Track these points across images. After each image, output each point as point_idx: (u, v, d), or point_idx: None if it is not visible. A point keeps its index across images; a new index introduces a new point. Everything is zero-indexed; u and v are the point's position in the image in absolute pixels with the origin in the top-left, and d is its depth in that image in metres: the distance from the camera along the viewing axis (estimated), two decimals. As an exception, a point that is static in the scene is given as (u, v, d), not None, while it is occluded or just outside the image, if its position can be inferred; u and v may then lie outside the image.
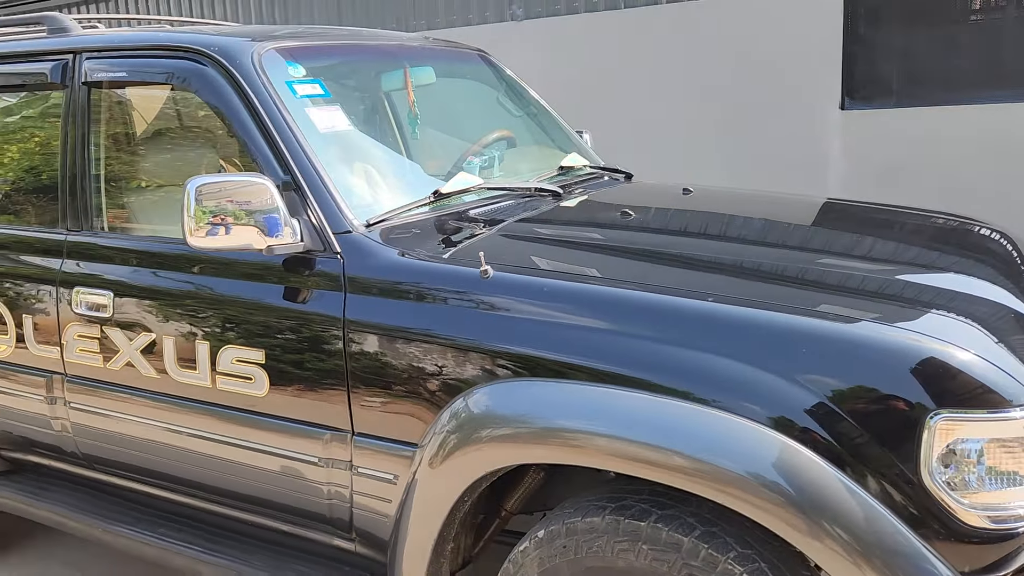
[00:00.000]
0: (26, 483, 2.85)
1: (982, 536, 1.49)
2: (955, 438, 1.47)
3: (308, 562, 2.24)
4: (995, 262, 2.17)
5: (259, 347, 2.11)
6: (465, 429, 1.82)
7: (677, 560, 1.64)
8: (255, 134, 2.17)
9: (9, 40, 2.85)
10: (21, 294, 2.60)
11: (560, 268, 1.97)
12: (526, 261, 2.00)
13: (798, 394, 1.55)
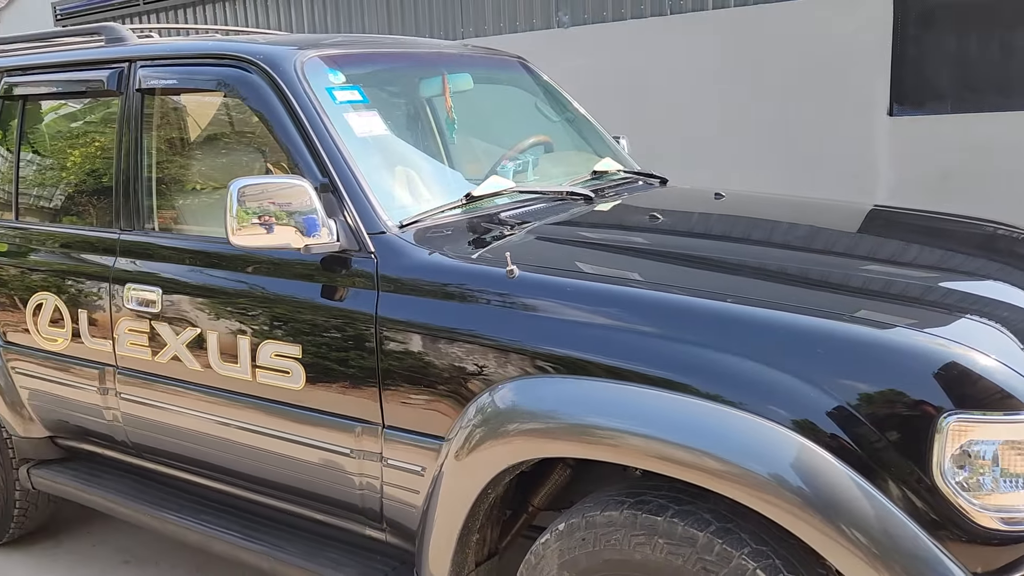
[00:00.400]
0: (80, 470, 3.00)
1: (995, 538, 1.49)
2: (968, 439, 1.48)
3: (340, 551, 2.32)
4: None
5: (296, 342, 2.20)
6: (491, 423, 1.88)
7: (692, 554, 1.67)
8: (296, 138, 2.27)
9: (71, 50, 3.01)
10: (78, 290, 2.74)
11: (585, 269, 2.02)
12: (552, 262, 2.05)
13: (815, 395, 1.57)
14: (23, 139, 3.01)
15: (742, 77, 6.74)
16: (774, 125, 6.69)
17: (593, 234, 2.35)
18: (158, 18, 10.50)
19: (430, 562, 2.05)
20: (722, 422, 1.63)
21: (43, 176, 3.00)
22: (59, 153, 2.97)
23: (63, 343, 2.79)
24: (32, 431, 3.03)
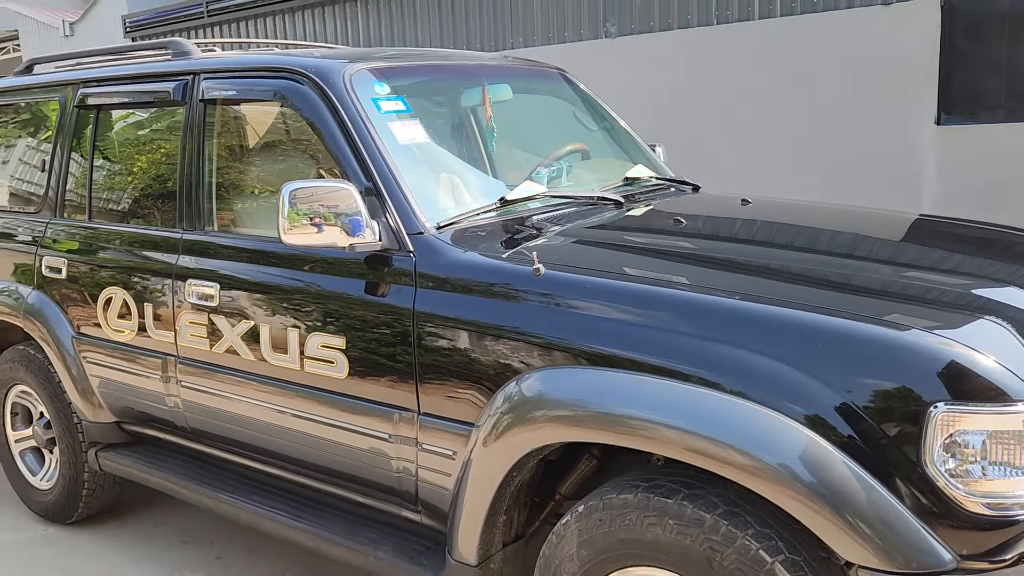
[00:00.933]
0: (143, 454, 3.22)
1: (981, 523, 1.58)
2: (957, 429, 1.57)
3: (379, 531, 2.48)
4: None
5: (340, 334, 2.38)
6: (518, 411, 2.02)
7: (699, 535, 1.79)
8: (343, 145, 2.44)
9: (141, 63, 3.25)
10: (144, 285, 2.96)
11: (607, 268, 2.14)
12: (576, 261, 2.19)
13: (819, 389, 1.67)
14: (96, 146, 3.26)
15: (789, 87, 6.79)
16: (821, 134, 6.71)
17: (618, 236, 2.48)
18: (220, 30, 10.90)
19: (460, 541, 2.20)
20: (738, 414, 1.74)
21: (113, 180, 3.24)
22: (128, 159, 3.21)
23: (130, 334, 3.02)
24: (100, 416, 3.26)
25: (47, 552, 3.40)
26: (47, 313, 3.31)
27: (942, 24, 6.09)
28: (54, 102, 3.46)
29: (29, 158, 3.61)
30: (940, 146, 6.25)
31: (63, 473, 3.47)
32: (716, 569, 1.77)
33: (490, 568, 2.22)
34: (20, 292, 3.44)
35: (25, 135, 3.66)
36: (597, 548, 1.95)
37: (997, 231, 2.67)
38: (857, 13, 6.40)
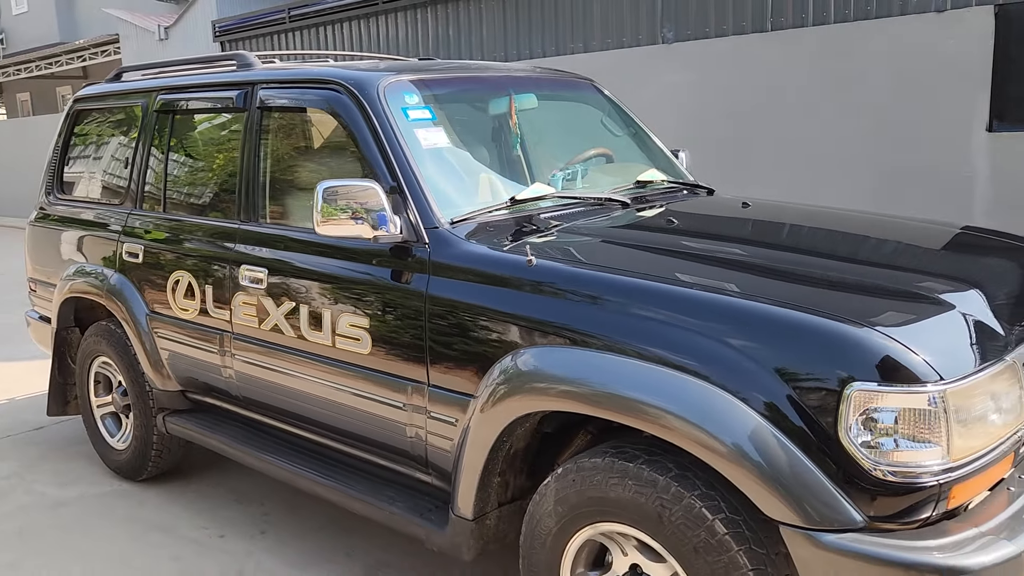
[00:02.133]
0: (204, 419, 3.62)
1: (890, 489, 1.79)
2: (871, 406, 1.79)
3: (396, 490, 2.80)
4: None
5: (365, 314, 2.71)
6: (508, 384, 2.30)
7: (653, 494, 2.04)
8: (373, 148, 2.77)
9: (210, 73, 3.65)
10: (207, 269, 3.35)
11: (593, 260, 2.41)
12: (567, 254, 2.46)
13: (754, 368, 1.91)
14: (170, 145, 3.68)
15: (841, 92, 6.87)
16: (873, 140, 6.78)
17: (614, 234, 2.73)
18: (301, 35, 11.47)
19: (459, 498, 2.50)
20: (685, 389, 1.99)
21: (184, 176, 3.65)
22: (197, 157, 3.61)
23: (193, 312, 3.42)
24: (168, 385, 3.69)
25: (120, 503, 3.84)
26: (126, 293, 3.75)
27: (995, 31, 6.11)
28: (138, 107, 3.90)
29: (117, 155, 4.06)
30: (992, 153, 6.26)
31: (136, 435, 3.91)
32: (666, 524, 2.02)
33: (486, 524, 2.52)
34: (105, 274, 3.89)
35: (114, 135, 4.11)
36: (570, 505, 2.22)
37: (973, 234, 2.82)
38: (910, 20, 6.45)
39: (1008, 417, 1.93)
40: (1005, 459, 1.94)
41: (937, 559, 1.71)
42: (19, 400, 5.46)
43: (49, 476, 4.19)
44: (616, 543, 2.22)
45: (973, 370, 1.84)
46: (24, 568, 3.29)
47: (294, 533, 3.47)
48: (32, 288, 4.60)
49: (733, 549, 1.93)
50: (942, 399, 1.77)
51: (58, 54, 17.72)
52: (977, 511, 1.87)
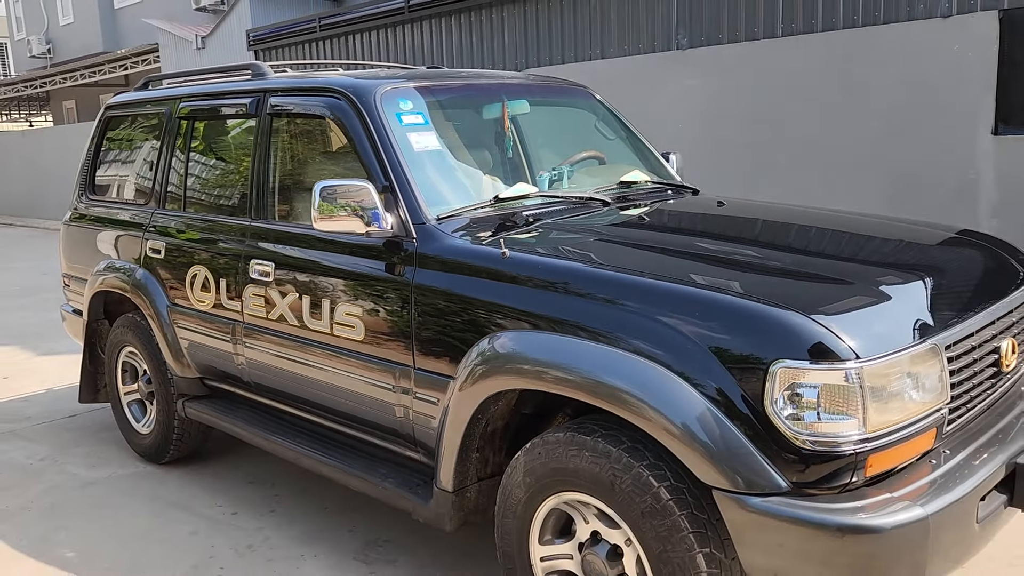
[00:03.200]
0: (219, 404, 3.88)
1: (812, 457, 1.96)
2: (793, 382, 1.97)
3: (389, 467, 3.02)
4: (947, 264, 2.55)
5: (359, 303, 2.94)
6: (484, 365, 2.51)
7: (607, 464, 2.24)
8: (369, 150, 3.00)
9: (227, 81, 3.92)
10: (221, 263, 3.61)
11: (562, 253, 2.61)
12: (539, 247, 2.67)
13: (693, 348, 2.09)
14: (190, 149, 3.95)
15: (850, 96, 6.98)
16: (880, 143, 6.88)
17: (586, 229, 2.92)
18: (331, 43, 11.81)
19: (441, 472, 2.71)
20: (632, 368, 2.17)
21: (202, 177, 3.92)
22: (214, 160, 3.88)
23: (209, 304, 3.68)
24: (187, 373, 3.95)
25: (144, 484, 4.12)
26: (150, 287, 4.03)
27: (1000, 36, 6.19)
28: (162, 113, 4.18)
29: (143, 159, 4.35)
30: (997, 156, 6.33)
31: (159, 420, 4.19)
32: (617, 491, 2.21)
33: (466, 496, 2.73)
34: (131, 269, 4.17)
35: (141, 140, 4.41)
36: (536, 476, 2.43)
37: (932, 231, 2.97)
38: (917, 25, 6.55)
39: (928, 396, 2.09)
40: (927, 433, 2.10)
41: (844, 519, 1.89)
42: (56, 390, 5.80)
43: (80, 459, 4.49)
44: (579, 512, 2.42)
45: (890, 351, 2.01)
46: (54, 540, 3.57)
47: (301, 512, 3.71)
48: (66, 283, 4.92)
49: (676, 513, 2.12)
50: (858, 376, 1.94)
51: (101, 63, 18.35)
52: (897, 479, 2.03)
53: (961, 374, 2.21)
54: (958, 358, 2.20)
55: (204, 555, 3.38)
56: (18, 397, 5.71)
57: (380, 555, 3.30)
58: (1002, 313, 2.41)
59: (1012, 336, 2.44)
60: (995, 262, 2.69)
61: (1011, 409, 2.48)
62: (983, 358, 2.31)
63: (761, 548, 1.99)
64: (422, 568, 3.18)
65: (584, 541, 2.43)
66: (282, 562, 3.29)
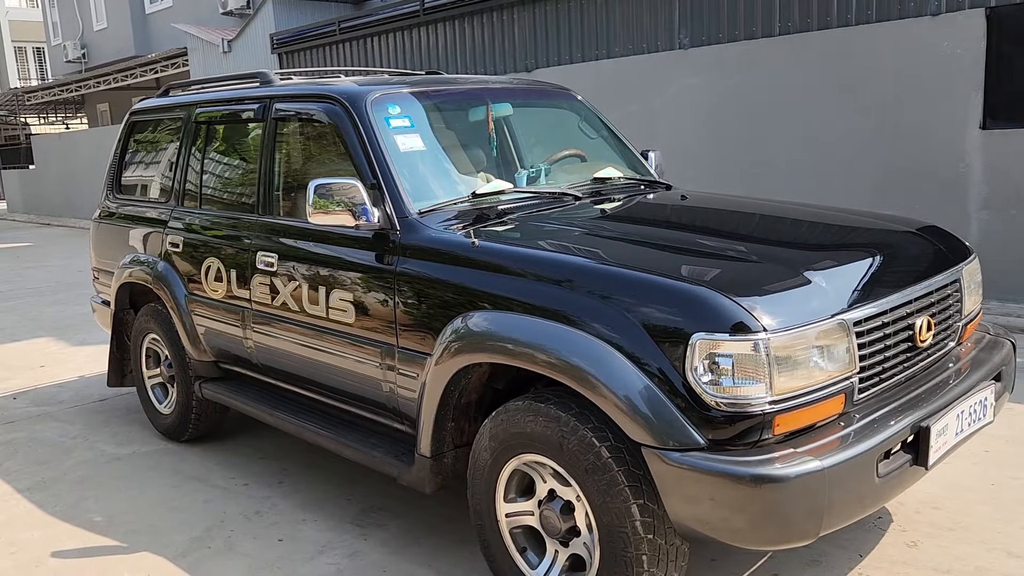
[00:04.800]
0: (232, 385, 4.23)
1: (724, 417, 2.24)
2: (710, 351, 2.25)
3: (379, 438, 3.34)
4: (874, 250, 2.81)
5: (350, 289, 3.26)
6: (455, 342, 2.82)
7: (556, 428, 2.54)
8: (359, 151, 3.32)
9: (238, 89, 4.27)
10: (232, 255, 3.95)
11: (525, 242, 2.91)
12: (507, 237, 2.97)
13: (627, 322, 2.38)
14: (205, 151, 4.31)
15: (843, 93, 7.19)
16: (873, 138, 7.09)
17: (553, 221, 3.20)
18: (350, 45, 12.17)
19: (421, 440, 3.02)
20: (574, 340, 2.47)
21: (216, 176, 4.26)
22: (226, 161, 4.23)
23: (222, 292, 4.03)
24: (203, 357, 4.31)
25: (165, 459, 4.49)
26: (169, 278, 4.39)
27: (988, 33, 6.38)
28: (180, 118, 4.54)
29: (164, 160, 4.71)
30: (985, 150, 6.52)
31: (178, 401, 4.56)
32: (565, 451, 2.51)
33: (444, 462, 3.04)
34: (153, 262, 4.54)
35: (162, 143, 4.77)
36: (499, 440, 2.73)
37: (868, 219, 3.23)
38: (907, 23, 6.75)
39: (836, 366, 2.36)
40: (835, 399, 2.37)
41: (751, 470, 2.17)
42: (88, 377, 6.21)
43: (108, 437, 4.87)
44: (538, 472, 2.72)
45: (797, 325, 2.28)
46: (83, 507, 3.95)
47: (306, 483, 4.05)
48: (96, 276, 5.31)
49: (614, 469, 2.41)
50: (766, 347, 2.22)
51: (132, 67, 18.92)
52: (807, 438, 2.31)
53: (871, 347, 2.48)
54: (868, 333, 2.47)
55: (216, 520, 3.73)
56: (54, 383, 6.14)
57: (373, 520, 3.63)
58: (918, 295, 2.67)
59: (929, 315, 2.70)
60: (921, 249, 2.95)
61: (933, 379, 2.74)
62: (896, 334, 2.57)
63: (682, 497, 2.28)
64: (409, 531, 3.50)
65: (543, 498, 2.73)
66: (285, 526, 3.63)
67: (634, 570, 2.43)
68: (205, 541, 3.53)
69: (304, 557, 3.35)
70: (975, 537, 3.20)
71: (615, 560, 2.46)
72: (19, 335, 7.88)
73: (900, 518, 3.38)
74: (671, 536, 2.44)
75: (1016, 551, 3.08)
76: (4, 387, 6.11)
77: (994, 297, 6.66)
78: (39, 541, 3.61)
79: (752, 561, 3.11)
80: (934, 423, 2.49)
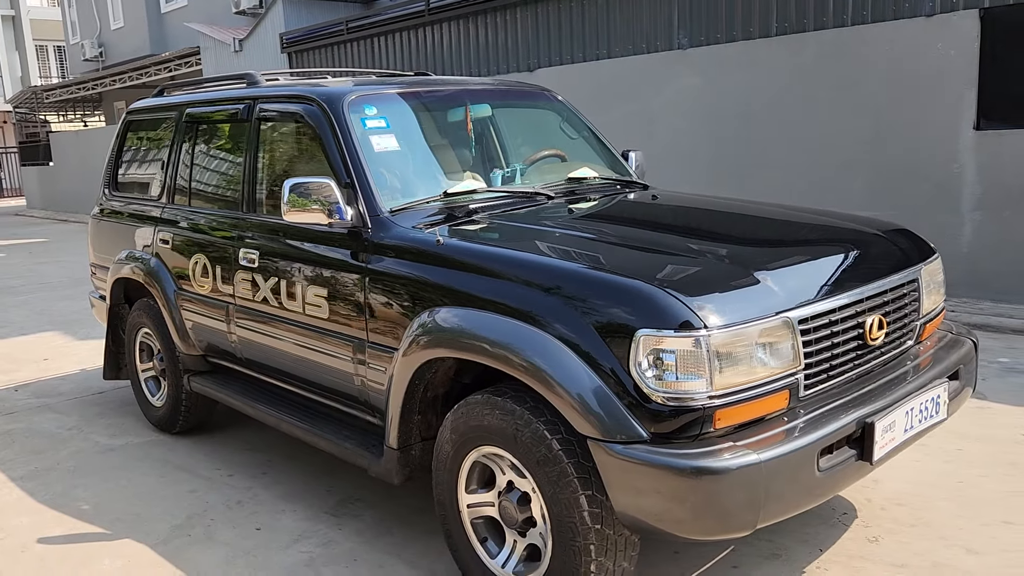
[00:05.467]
0: (218, 378, 4.34)
1: (665, 411, 2.30)
2: (652, 347, 2.31)
3: (352, 430, 3.43)
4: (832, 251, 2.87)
5: (324, 285, 3.35)
6: (419, 337, 2.90)
7: (511, 420, 2.61)
8: (335, 151, 3.40)
9: (226, 89, 4.37)
10: (218, 252, 4.05)
11: (489, 240, 2.99)
12: (470, 235, 3.04)
13: (577, 318, 2.44)
14: (194, 149, 4.41)
15: (839, 92, 7.21)
16: (869, 137, 7.10)
17: (520, 219, 3.27)
18: (358, 45, 12.28)
19: (389, 432, 3.10)
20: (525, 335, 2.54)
21: (203, 175, 4.36)
22: (214, 159, 4.33)
23: (208, 289, 4.13)
24: (192, 351, 4.42)
25: (156, 450, 4.60)
26: (160, 274, 4.50)
27: (981, 34, 6.38)
28: (172, 118, 4.65)
29: (156, 158, 4.82)
30: (979, 150, 6.53)
31: (169, 394, 4.67)
32: (519, 443, 2.59)
33: (411, 454, 3.12)
34: (145, 258, 4.65)
35: (155, 142, 4.88)
36: (460, 432, 2.81)
37: (833, 220, 3.28)
38: (902, 24, 6.77)
39: (780, 362, 2.42)
40: (779, 394, 2.42)
41: (690, 462, 2.23)
42: (89, 370, 6.35)
43: (103, 429, 4.99)
44: (497, 464, 2.80)
45: (738, 323, 2.34)
46: (72, 495, 4.06)
47: (288, 474, 4.15)
48: (93, 272, 5.44)
49: (564, 461, 2.48)
50: (707, 344, 2.28)
51: (147, 65, 19.14)
52: (748, 432, 2.37)
53: (818, 345, 2.53)
54: (814, 331, 2.52)
55: (199, 508, 3.83)
56: (56, 376, 6.28)
57: (349, 511, 3.71)
58: (869, 294, 2.72)
59: (881, 314, 2.75)
60: (878, 249, 2.99)
61: (886, 377, 2.79)
62: (844, 332, 2.62)
63: (625, 488, 2.35)
64: (382, 521, 3.59)
65: (502, 490, 2.81)
66: (264, 515, 3.72)
67: (583, 559, 2.50)
68: (186, 529, 3.64)
69: (279, 546, 3.44)
70: (935, 533, 3.24)
71: (565, 549, 2.53)
72: (27, 329, 8.05)
73: (864, 514, 3.42)
74: (619, 527, 2.50)
75: (975, 547, 3.13)
76: (8, 379, 6.26)
77: (988, 298, 6.67)
78: (27, 527, 3.73)
79: (714, 554, 3.17)
80: (880, 419, 2.54)
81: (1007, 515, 3.36)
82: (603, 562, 2.52)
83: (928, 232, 6.78)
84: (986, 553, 3.08)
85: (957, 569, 2.99)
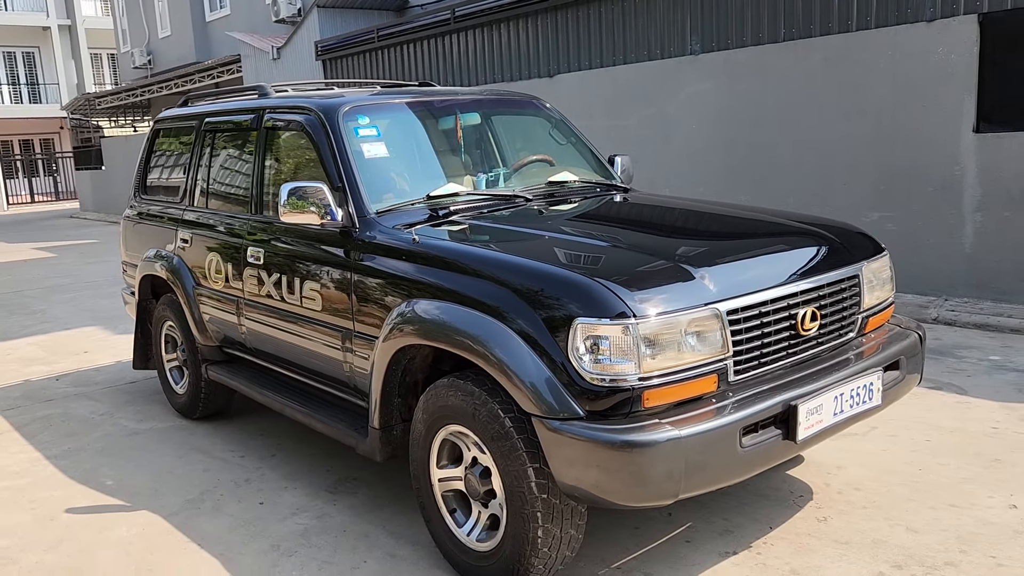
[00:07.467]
0: (231, 367, 4.69)
1: (599, 391, 2.56)
2: (588, 334, 2.58)
3: (345, 413, 3.74)
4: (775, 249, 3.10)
5: (317, 280, 3.67)
6: (400, 325, 3.20)
7: (471, 401, 2.89)
8: (329, 157, 3.73)
9: (238, 100, 4.72)
10: (230, 250, 4.41)
11: (460, 239, 3.27)
12: (445, 235, 3.34)
13: (524, 308, 2.71)
14: (211, 155, 4.78)
15: (844, 96, 7.36)
16: (872, 140, 7.24)
17: (494, 220, 3.55)
18: (388, 52, 12.66)
19: (372, 413, 3.41)
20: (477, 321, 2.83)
21: (219, 179, 4.73)
22: (228, 165, 4.69)
23: (222, 284, 4.49)
24: (209, 342, 4.78)
25: (177, 434, 4.98)
26: (181, 271, 4.88)
27: (980, 38, 6.49)
28: (193, 126, 5.03)
29: (179, 164, 5.21)
30: (979, 152, 6.64)
31: (190, 382, 5.05)
32: (477, 421, 2.87)
33: (392, 434, 3.42)
34: (169, 257, 5.04)
35: (178, 149, 5.27)
36: (430, 412, 3.10)
37: (781, 218, 3.51)
38: (904, 29, 6.90)
39: (707, 349, 2.66)
40: (707, 378, 2.67)
41: (616, 436, 2.49)
42: (124, 362, 6.79)
43: (131, 415, 5.40)
44: (463, 442, 3.08)
45: (666, 312, 2.59)
46: (98, 472, 4.45)
47: (295, 456, 4.49)
48: (125, 269, 5.85)
49: (515, 437, 2.76)
50: (636, 331, 2.54)
51: (192, 73, 19.82)
52: (677, 411, 2.61)
53: (747, 334, 2.77)
54: (744, 321, 2.76)
55: (210, 485, 4.19)
56: (93, 367, 6.73)
57: (346, 489, 4.03)
58: (803, 288, 2.95)
59: (815, 307, 2.97)
60: (820, 247, 3.20)
61: (820, 365, 3.01)
62: (776, 323, 2.86)
63: (562, 460, 2.61)
64: (376, 498, 3.90)
65: (468, 465, 3.09)
66: (268, 492, 4.06)
67: (531, 525, 2.77)
68: (196, 503, 3.99)
69: (278, 518, 3.77)
70: (882, 514, 3.45)
71: (517, 517, 2.81)
72: (71, 324, 8.56)
73: (820, 497, 3.64)
74: (564, 497, 2.77)
75: (916, 527, 3.32)
76: (50, 370, 6.73)
77: (988, 297, 6.76)
78: (57, 499, 4.12)
79: (671, 529, 3.41)
80: (804, 402, 2.77)
81: (955, 499, 3.55)
82: (550, 528, 2.78)
83: (930, 232, 6.93)
84: (925, 532, 3.28)
85: (894, 546, 3.19)
